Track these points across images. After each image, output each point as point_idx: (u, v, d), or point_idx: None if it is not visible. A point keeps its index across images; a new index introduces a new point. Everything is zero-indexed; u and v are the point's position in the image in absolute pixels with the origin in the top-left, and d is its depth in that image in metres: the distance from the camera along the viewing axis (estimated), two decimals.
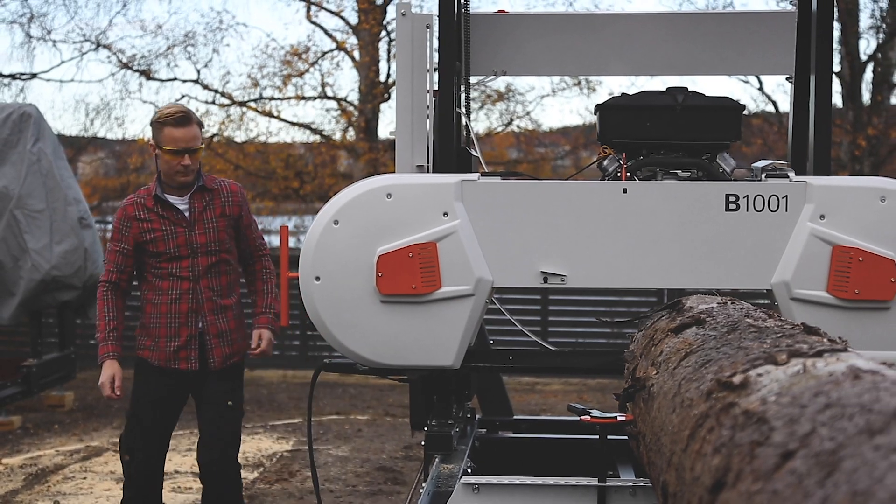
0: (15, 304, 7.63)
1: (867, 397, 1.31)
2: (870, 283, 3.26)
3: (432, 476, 3.39)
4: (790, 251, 3.29)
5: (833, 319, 3.25)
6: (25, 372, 7.65)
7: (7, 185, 7.65)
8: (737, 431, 1.50)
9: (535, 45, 3.97)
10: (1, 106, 8.09)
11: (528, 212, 3.35)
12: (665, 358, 2.45)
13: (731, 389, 1.74)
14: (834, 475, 1.10)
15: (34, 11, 16.38)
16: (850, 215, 3.27)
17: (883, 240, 3.26)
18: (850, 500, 1.01)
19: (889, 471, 1.02)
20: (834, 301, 3.28)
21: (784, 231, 3.30)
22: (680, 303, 2.95)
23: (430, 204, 3.35)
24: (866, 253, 3.24)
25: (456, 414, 3.90)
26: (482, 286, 3.34)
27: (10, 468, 6.50)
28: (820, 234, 3.27)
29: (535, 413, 8.31)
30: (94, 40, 16.32)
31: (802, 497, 1.11)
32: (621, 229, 3.33)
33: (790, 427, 1.35)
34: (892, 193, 3.29)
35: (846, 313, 3.29)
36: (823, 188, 3.29)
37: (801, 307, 3.29)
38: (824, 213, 3.28)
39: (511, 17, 4.01)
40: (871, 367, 1.54)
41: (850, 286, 3.26)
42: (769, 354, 1.81)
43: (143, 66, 16.42)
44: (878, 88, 14.07)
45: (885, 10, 14.21)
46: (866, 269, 3.26)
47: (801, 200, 3.29)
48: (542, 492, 3.05)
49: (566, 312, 10.74)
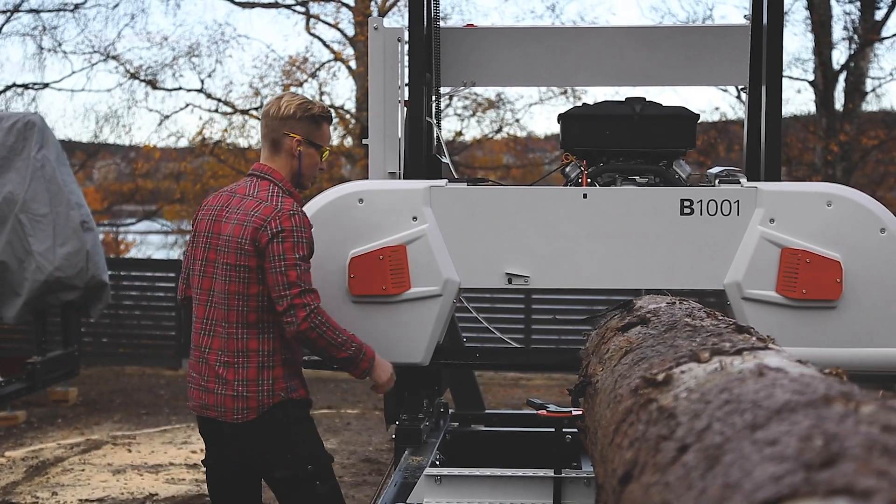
0: (20, 304, 7.64)
1: (762, 394, 1.32)
2: (817, 283, 3.27)
3: (400, 468, 3.40)
4: (742, 253, 3.30)
5: (782, 318, 3.27)
6: (30, 369, 7.66)
7: (12, 190, 7.67)
8: (650, 426, 1.51)
9: (503, 58, 3.98)
10: (7, 115, 8.13)
11: (493, 216, 3.36)
12: (609, 355, 2.46)
13: (654, 386, 1.75)
14: (715, 468, 1.11)
15: (46, 24, 16.38)
16: (798, 219, 3.29)
17: (829, 242, 3.27)
18: (721, 492, 1.02)
19: (759, 464, 1.03)
20: (783, 300, 3.29)
21: (736, 234, 3.31)
22: (632, 302, 2.96)
23: (399, 209, 3.36)
24: (813, 255, 3.25)
25: (427, 408, 3.91)
26: (449, 287, 3.35)
27: (13, 461, 6.51)
28: (770, 236, 3.28)
29: (518, 407, 8.32)
30: (103, 52, 16.34)
31: (686, 489, 1.12)
32: (582, 233, 3.34)
33: (692, 422, 1.36)
34: (837, 198, 3.30)
35: (795, 312, 3.31)
36: (773, 193, 3.31)
37: (752, 306, 3.31)
38: (774, 216, 3.29)
39: (479, 30, 4.02)
40: (781, 365, 1.56)
41: (797, 286, 3.28)
42: (694, 353, 1.82)
43: (149, 76, 16.43)
44: (850, 96, 14.09)
45: (856, 23, 14.23)
46: (813, 270, 3.27)
47: (752, 205, 3.31)
48: (502, 483, 3.07)
49: (549, 311, 10.75)
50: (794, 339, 3.24)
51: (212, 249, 2.99)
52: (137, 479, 6.03)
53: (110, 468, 6.27)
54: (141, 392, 9.41)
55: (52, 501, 5.49)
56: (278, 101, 3.07)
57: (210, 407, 2.97)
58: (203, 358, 3.00)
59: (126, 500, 5.53)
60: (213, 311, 2.99)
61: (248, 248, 2.89)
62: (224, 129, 16.16)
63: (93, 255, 7.96)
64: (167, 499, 5.58)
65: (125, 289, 11.36)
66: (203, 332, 3.02)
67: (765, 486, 0.95)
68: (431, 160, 3.82)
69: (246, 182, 3.07)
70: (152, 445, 7.01)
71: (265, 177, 3.03)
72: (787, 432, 1.09)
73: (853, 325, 3.27)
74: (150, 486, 5.84)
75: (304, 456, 2.96)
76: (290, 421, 2.95)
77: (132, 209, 20.67)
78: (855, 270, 3.24)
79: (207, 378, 2.97)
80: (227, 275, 2.93)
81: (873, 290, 3.25)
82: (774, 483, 0.94)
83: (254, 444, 2.95)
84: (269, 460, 2.96)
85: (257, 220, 2.90)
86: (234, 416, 2.92)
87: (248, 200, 2.97)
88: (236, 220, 2.94)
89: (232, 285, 2.92)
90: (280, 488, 3.00)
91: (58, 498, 5.56)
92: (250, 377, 2.92)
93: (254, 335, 2.94)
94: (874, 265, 3.25)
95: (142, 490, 5.76)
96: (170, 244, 19.51)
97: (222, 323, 2.96)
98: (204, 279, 3.01)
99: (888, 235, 3.26)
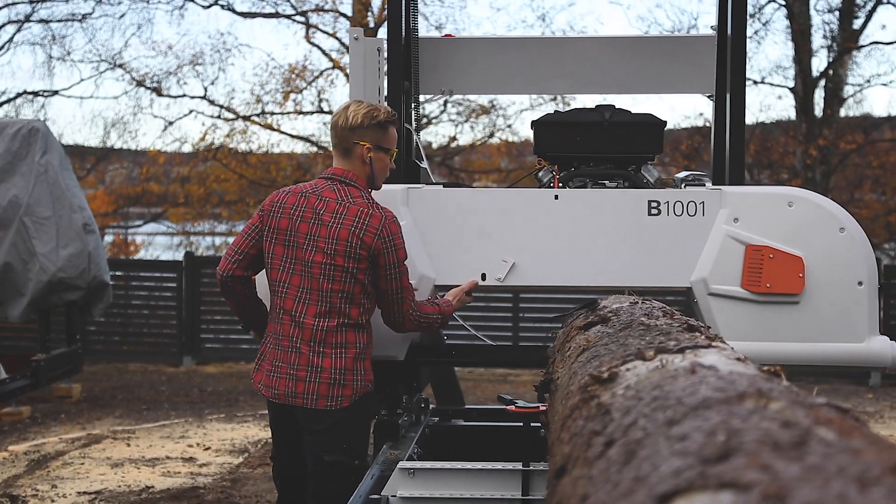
0: (24, 304, 7.66)
1: (688, 391, 1.32)
2: (780, 278, 3.29)
3: (377, 461, 3.40)
4: (707, 251, 3.32)
5: (748, 312, 3.28)
6: (34, 366, 7.68)
7: (17, 194, 7.70)
8: (587, 422, 1.51)
9: (479, 67, 4.00)
10: (11, 122, 8.15)
11: (466, 216, 3.38)
12: (570, 353, 2.47)
13: (601, 383, 1.75)
14: (631, 462, 1.12)
15: (55, 34, 16.39)
16: (760, 218, 3.30)
17: (791, 241, 3.29)
18: (630, 486, 1.03)
19: (667, 458, 1.04)
20: (747, 295, 3.30)
21: (701, 233, 3.33)
22: (596, 302, 2.97)
23: None
24: (777, 251, 3.26)
25: (407, 404, 3.91)
26: (425, 283, 3.36)
27: (15, 455, 6.52)
28: (734, 234, 3.30)
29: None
30: (110, 60, 16.34)
31: (604, 482, 1.13)
32: (553, 233, 3.35)
33: (623, 418, 1.36)
34: (798, 199, 3.32)
35: (759, 306, 3.32)
36: (736, 195, 3.32)
37: (718, 302, 3.32)
38: (737, 216, 3.31)
39: (457, 40, 4.03)
40: (714, 363, 1.56)
41: (762, 281, 3.29)
42: (640, 351, 1.82)
43: (154, 83, 16.44)
44: (828, 103, 14.12)
45: (835, 32, 14.25)
46: (777, 265, 3.29)
47: (716, 206, 3.32)
48: (472, 476, 3.07)
49: (540, 311, 10.76)
50: (759, 334, 3.26)
51: (306, 250, 3.03)
52: (135, 472, 6.03)
53: (109, 462, 6.27)
54: (143, 388, 9.42)
55: (52, 494, 5.49)
56: (345, 112, 3.09)
57: (299, 395, 3.05)
58: (294, 348, 3.06)
59: (123, 493, 5.54)
60: (307, 306, 3.04)
61: (363, 253, 2.99)
62: (226, 134, 16.17)
63: (94, 256, 7.98)
64: (162, 491, 5.59)
65: (133, 289, 11.38)
66: (294, 324, 3.06)
67: (666, 479, 0.95)
68: (410, 165, 3.83)
69: (327, 185, 3.08)
70: (151, 440, 7.02)
71: (351, 183, 3.07)
72: (698, 428, 1.09)
73: (814, 321, 3.28)
74: (147, 479, 5.84)
75: (357, 449, 3.10)
76: (367, 413, 3.15)
77: (140, 211, 20.68)
78: (816, 268, 3.25)
79: (298, 367, 3.05)
80: (332, 275, 3.01)
81: (833, 287, 3.26)
82: (675, 477, 0.95)
83: (336, 430, 3.04)
84: (330, 445, 3.05)
85: (371, 227, 2.99)
86: (328, 403, 3.02)
87: (350, 205, 3.02)
88: (341, 224, 3.00)
89: (336, 284, 3.00)
90: (322, 470, 3.07)
91: (57, 490, 5.57)
92: (347, 366, 3.04)
93: (352, 329, 3.05)
94: (834, 263, 3.26)
95: (138, 483, 5.76)
96: (175, 245, 19.49)
97: (319, 317, 3.02)
98: (293, 276, 3.06)
99: (847, 234, 3.28)
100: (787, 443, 0.93)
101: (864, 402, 8.77)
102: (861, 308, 3.24)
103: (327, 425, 3.04)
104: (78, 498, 5.42)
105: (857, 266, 3.24)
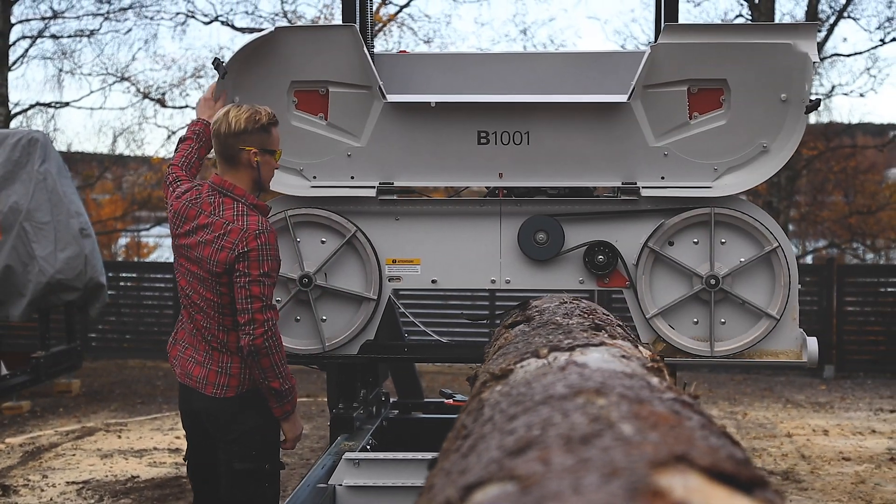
0: (24, 304, 7.67)
1: (546, 388, 1.33)
2: None
3: (331, 452, 3.42)
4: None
5: None
6: (34, 363, 7.70)
7: (17, 200, 7.72)
8: (467, 416, 1.53)
9: (431, 80, 4.00)
10: (12, 132, 8.18)
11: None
12: (493, 351, 2.48)
13: (495, 379, 1.76)
14: (469, 456, 1.13)
15: (66, 48, 16.37)
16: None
17: None
18: (454, 477, 1.04)
19: (489, 451, 1.05)
20: None
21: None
22: (528, 302, 2.98)
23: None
24: None
25: (365, 397, 3.93)
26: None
27: (11, 446, 6.52)
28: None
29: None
30: (117, 73, 16.33)
31: (445, 475, 1.14)
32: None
33: (488, 413, 1.38)
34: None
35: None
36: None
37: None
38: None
39: (411, 56, 4.04)
40: (589, 361, 1.57)
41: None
42: (536, 349, 1.84)
43: (158, 95, 16.43)
44: None
45: None
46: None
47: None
48: (414, 465, 3.08)
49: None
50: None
51: (183, 258, 2.89)
52: (122, 462, 6.03)
53: (99, 453, 6.27)
54: (139, 383, 9.41)
55: (42, 484, 5.49)
56: (226, 118, 2.88)
57: (194, 378, 2.87)
58: (196, 339, 2.90)
59: (109, 482, 5.54)
60: (199, 308, 2.87)
61: (218, 270, 2.79)
62: None
63: (91, 259, 7.99)
64: (147, 480, 5.59)
65: (137, 289, 11.39)
66: (192, 321, 2.91)
67: (477, 471, 0.97)
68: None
69: (209, 196, 2.89)
70: (141, 432, 7.02)
71: (227, 194, 2.87)
72: (526, 423, 1.10)
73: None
74: (133, 470, 5.84)
75: (265, 455, 2.86)
76: (273, 419, 2.85)
77: (146, 215, 20.68)
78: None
79: (197, 352, 2.89)
80: (203, 283, 2.84)
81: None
82: (483, 469, 0.96)
83: (246, 439, 2.83)
84: (233, 450, 2.84)
85: (227, 243, 2.79)
86: (214, 390, 2.84)
87: (216, 220, 2.83)
88: (205, 240, 2.83)
89: (208, 293, 2.83)
90: (233, 479, 2.84)
91: (47, 480, 5.57)
92: (234, 364, 2.85)
93: (233, 337, 2.84)
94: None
95: (125, 473, 5.76)
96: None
97: (208, 320, 2.86)
98: (183, 278, 2.91)
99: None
100: (582, 437, 0.94)
101: (816, 394, 8.79)
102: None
103: (220, 417, 2.85)
104: (66, 487, 5.42)
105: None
